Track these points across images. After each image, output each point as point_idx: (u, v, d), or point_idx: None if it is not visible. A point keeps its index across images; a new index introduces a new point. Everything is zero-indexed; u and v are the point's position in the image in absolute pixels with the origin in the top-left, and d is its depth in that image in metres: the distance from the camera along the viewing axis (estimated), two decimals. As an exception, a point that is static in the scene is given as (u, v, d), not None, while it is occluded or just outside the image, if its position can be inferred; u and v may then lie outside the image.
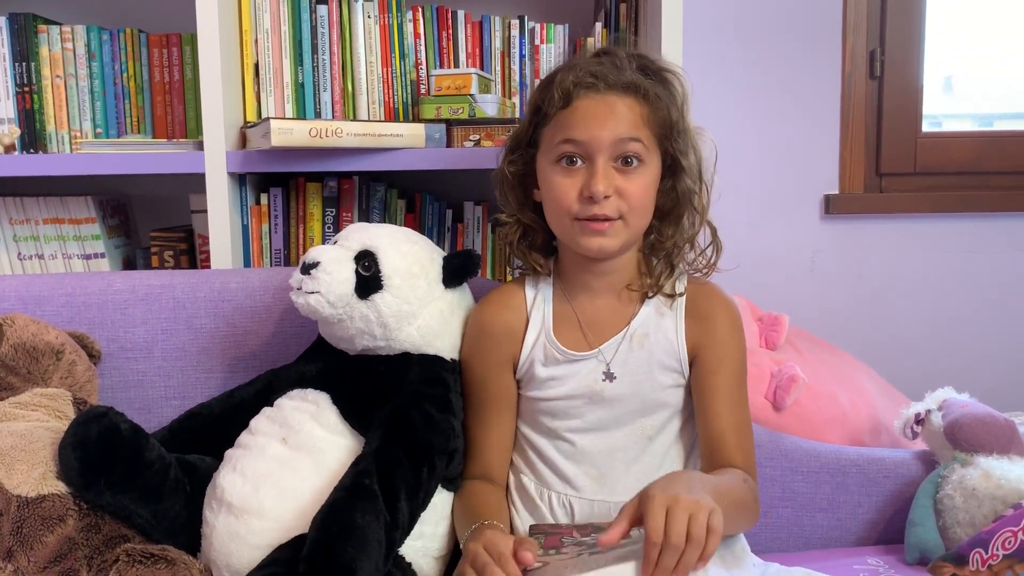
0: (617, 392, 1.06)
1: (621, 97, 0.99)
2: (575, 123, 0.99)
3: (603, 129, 0.98)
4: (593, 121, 0.98)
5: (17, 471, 0.92)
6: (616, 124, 0.98)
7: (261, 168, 1.45)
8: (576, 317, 1.08)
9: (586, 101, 0.99)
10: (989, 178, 1.91)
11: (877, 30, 1.87)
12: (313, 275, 1.01)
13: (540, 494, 1.09)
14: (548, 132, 1.02)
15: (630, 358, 1.06)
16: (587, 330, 1.07)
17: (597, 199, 0.97)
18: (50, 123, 1.59)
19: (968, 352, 1.92)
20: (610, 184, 0.98)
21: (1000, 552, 1.06)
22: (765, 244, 1.86)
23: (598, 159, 0.98)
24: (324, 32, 1.54)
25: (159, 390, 1.25)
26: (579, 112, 0.99)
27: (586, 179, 0.99)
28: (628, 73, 1.00)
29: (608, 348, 1.06)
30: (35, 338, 1.11)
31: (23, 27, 1.56)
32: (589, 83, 0.99)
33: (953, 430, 1.23)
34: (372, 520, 0.89)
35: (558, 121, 1.00)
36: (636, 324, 1.07)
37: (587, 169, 0.99)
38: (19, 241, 1.58)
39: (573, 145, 0.99)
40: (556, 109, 1.00)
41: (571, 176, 1.00)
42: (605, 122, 0.98)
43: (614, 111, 0.98)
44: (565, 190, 1.00)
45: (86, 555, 0.92)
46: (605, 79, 0.99)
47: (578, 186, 0.99)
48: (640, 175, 1.00)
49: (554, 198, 1.01)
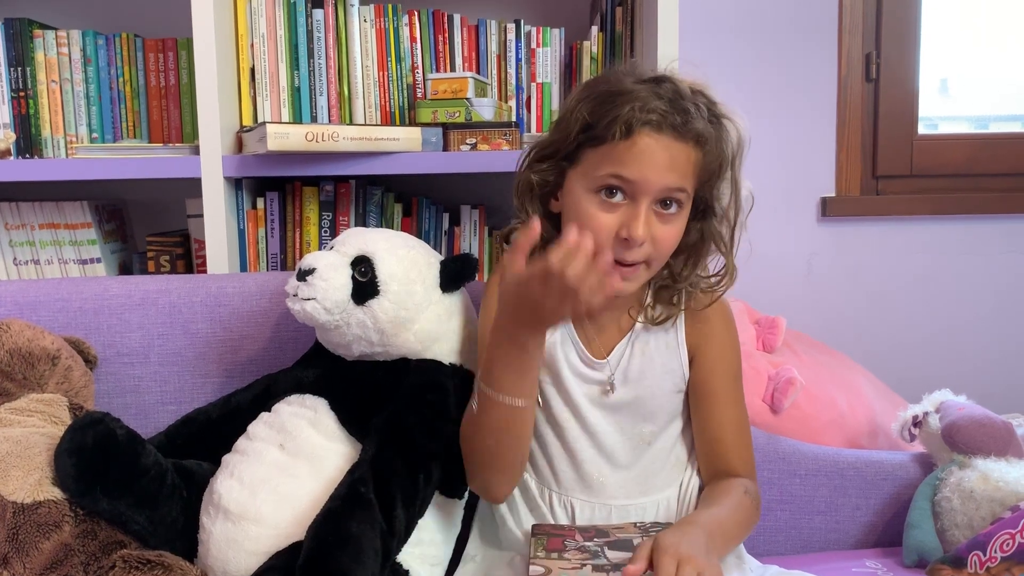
0: (620, 399, 1.06)
1: (682, 144, 0.94)
2: (630, 161, 0.93)
3: (657, 173, 0.93)
4: (649, 164, 0.93)
5: (13, 477, 0.92)
6: (671, 172, 0.94)
7: (257, 172, 1.45)
8: (584, 324, 1.07)
9: (648, 140, 0.93)
10: (985, 180, 1.92)
11: (873, 33, 1.87)
12: (309, 281, 1.01)
13: (541, 493, 1.09)
14: (595, 156, 0.96)
15: (632, 365, 1.06)
16: (596, 336, 1.07)
17: (634, 244, 0.94)
18: (46, 128, 1.58)
19: (965, 354, 1.92)
20: (648, 231, 0.94)
21: (998, 554, 1.06)
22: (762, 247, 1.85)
23: (643, 201, 0.94)
24: (320, 36, 1.54)
25: (155, 395, 1.25)
26: (637, 149, 0.93)
27: (625, 219, 0.94)
28: (700, 123, 0.95)
29: (613, 357, 1.06)
30: (31, 343, 1.10)
31: (18, 32, 1.56)
32: (654, 122, 0.93)
33: (951, 432, 1.23)
34: (368, 529, 0.89)
35: (611, 150, 0.94)
36: (637, 332, 1.07)
37: (628, 208, 0.95)
38: (15, 246, 1.58)
39: (622, 181, 0.94)
40: (613, 138, 0.94)
41: (611, 212, 0.95)
42: (660, 167, 0.93)
43: (672, 156, 0.94)
44: (602, 226, 0.94)
45: (82, 561, 0.92)
46: (673, 124, 0.94)
47: (616, 225, 0.94)
48: (676, 220, 0.97)
49: (588, 230, 0.95)
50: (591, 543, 0.95)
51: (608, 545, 0.95)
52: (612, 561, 0.91)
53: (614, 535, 0.98)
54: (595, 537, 0.97)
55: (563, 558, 0.91)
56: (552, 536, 0.97)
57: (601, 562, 0.91)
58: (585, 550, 0.93)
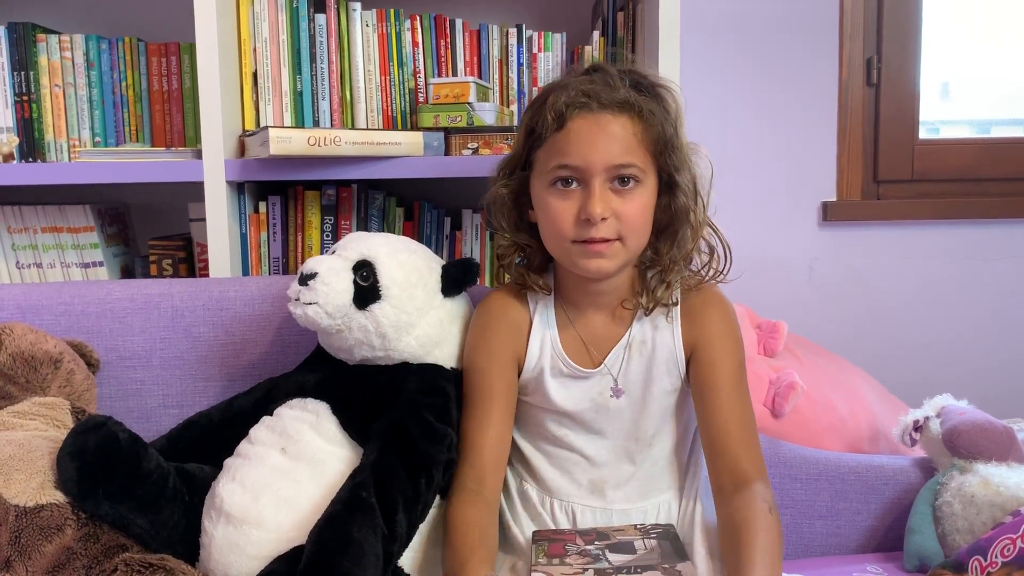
0: (623, 403, 1.06)
1: (615, 116, 0.97)
2: (569, 146, 0.97)
3: (597, 152, 0.96)
4: (587, 144, 0.96)
5: (15, 480, 0.92)
6: (610, 146, 0.97)
7: (259, 176, 1.45)
8: (577, 333, 1.07)
9: (579, 122, 0.97)
10: (986, 184, 1.92)
11: (874, 37, 1.87)
12: (311, 286, 1.01)
13: (542, 501, 1.09)
14: (542, 154, 1.01)
15: (631, 367, 1.06)
16: (590, 345, 1.07)
17: (594, 222, 0.96)
18: (49, 132, 1.59)
19: (966, 359, 1.92)
20: (607, 206, 0.96)
21: (999, 559, 1.06)
22: (763, 251, 1.87)
23: (594, 182, 0.97)
24: (322, 41, 1.54)
25: (157, 399, 1.25)
26: (572, 134, 0.97)
27: (582, 202, 0.97)
28: (621, 91, 0.98)
29: (612, 362, 1.06)
30: (33, 347, 1.11)
31: (22, 36, 1.56)
32: (582, 103, 0.97)
33: (952, 437, 1.23)
34: (369, 534, 0.89)
35: (552, 144, 0.99)
36: (635, 332, 1.06)
37: (583, 191, 0.98)
38: (17, 250, 1.58)
39: (568, 169, 0.98)
40: (550, 131, 0.98)
41: (567, 199, 0.98)
42: (599, 144, 0.96)
43: (607, 132, 0.97)
44: (562, 213, 0.98)
45: (84, 565, 0.92)
46: (598, 98, 0.97)
47: (574, 209, 0.98)
48: (637, 195, 0.99)
49: (551, 221, 1.00)
50: (592, 547, 0.95)
51: (609, 548, 0.95)
52: (614, 564, 0.91)
53: (615, 538, 0.98)
54: (596, 540, 0.97)
55: (564, 563, 0.91)
56: (553, 541, 0.98)
57: (603, 566, 0.91)
58: (586, 554, 0.94)
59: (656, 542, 0.97)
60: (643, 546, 0.95)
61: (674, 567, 0.91)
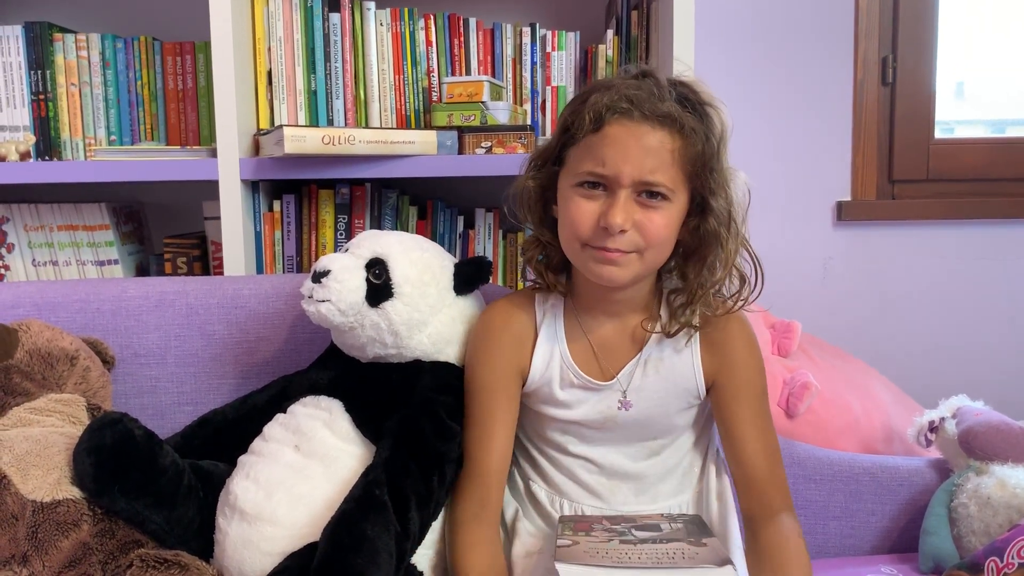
0: (632, 417, 1.04)
1: (654, 129, 0.93)
2: (602, 152, 0.93)
3: (629, 163, 0.92)
4: (620, 153, 0.92)
5: (32, 476, 0.93)
6: (644, 159, 0.92)
7: (274, 175, 1.46)
8: (588, 341, 1.05)
9: (617, 128, 0.93)
10: (1002, 184, 1.90)
11: (889, 36, 1.86)
12: (324, 283, 1.01)
13: (551, 501, 1.09)
14: (574, 153, 0.97)
15: (645, 383, 1.04)
16: (600, 356, 1.05)
17: (612, 232, 0.93)
18: (65, 130, 1.60)
19: (982, 359, 1.91)
20: (628, 217, 0.93)
21: (1016, 561, 1.06)
22: (777, 251, 1.86)
23: (620, 192, 0.93)
24: (336, 40, 1.54)
25: (172, 396, 1.26)
26: (608, 139, 0.93)
27: (604, 208, 0.94)
28: (666, 103, 0.93)
29: (624, 376, 1.04)
30: (50, 344, 1.11)
31: (38, 35, 1.57)
32: (623, 109, 0.93)
33: (967, 438, 1.22)
34: (382, 531, 0.89)
35: (586, 145, 0.95)
36: (649, 349, 1.04)
37: (607, 198, 0.94)
38: (33, 247, 1.59)
39: (597, 175, 0.94)
40: (585, 132, 0.95)
41: (591, 200, 0.95)
42: (632, 156, 0.92)
43: (643, 144, 0.92)
44: (582, 215, 0.95)
45: (100, 560, 0.92)
46: (640, 106, 0.93)
47: (596, 213, 0.94)
48: (662, 211, 0.94)
49: (569, 220, 0.97)
50: (618, 526, 0.95)
51: (635, 527, 0.95)
52: (639, 537, 0.91)
53: (641, 521, 0.98)
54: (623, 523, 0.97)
55: (590, 535, 0.91)
56: (579, 522, 0.98)
57: (628, 538, 0.90)
58: (612, 531, 0.93)
59: (682, 524, 0.96)
60: (669, 528, 0.95)
61: (699, 540, 0.90)
